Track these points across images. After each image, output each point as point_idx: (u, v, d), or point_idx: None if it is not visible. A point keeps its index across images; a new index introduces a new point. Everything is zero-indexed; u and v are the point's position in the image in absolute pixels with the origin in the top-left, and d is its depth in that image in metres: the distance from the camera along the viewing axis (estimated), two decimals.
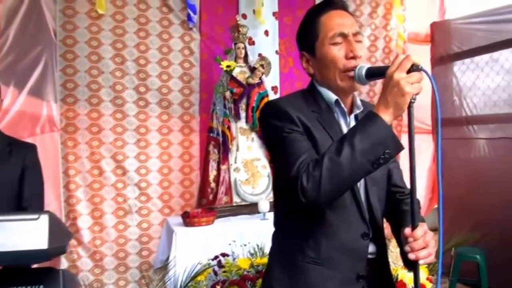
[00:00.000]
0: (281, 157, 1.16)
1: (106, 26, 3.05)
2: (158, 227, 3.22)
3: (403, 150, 1.06)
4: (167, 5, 3.21)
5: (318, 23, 1.21)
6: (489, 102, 3.18)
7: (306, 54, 1.26)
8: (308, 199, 1.02)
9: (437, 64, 3.65)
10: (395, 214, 1.32)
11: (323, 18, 1.20)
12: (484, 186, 3.19)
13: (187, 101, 3.30)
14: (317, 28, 1.21)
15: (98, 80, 3.06)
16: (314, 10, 1.24)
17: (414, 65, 0.99)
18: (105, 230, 3.12)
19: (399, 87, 0.97)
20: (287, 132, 1.12)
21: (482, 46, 3.24)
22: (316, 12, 1.23)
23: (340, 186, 1.04)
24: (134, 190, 3.18)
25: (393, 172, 1.36)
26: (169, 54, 3.24)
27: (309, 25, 1.23)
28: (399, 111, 1.00)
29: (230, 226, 2.73)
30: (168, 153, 3.25)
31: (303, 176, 1.03)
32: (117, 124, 3.12)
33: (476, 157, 3.29)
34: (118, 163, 3.13)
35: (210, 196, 2.91)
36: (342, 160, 1.00)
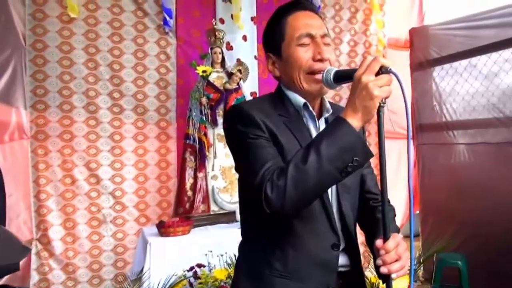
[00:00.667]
0: (245, 164, 1.10)
1: (78, 30, 2.96)
2: (134, 237, 3.12)
3: (372, 157, 1.00)
4: (142, 9, 3.13)
5: (284, 23, 1.16)
6: (468, 108, 3.17)
7: (272, 56, 1.21)
8: (273, 210, 0.96)
9: (416, 70, 3.65)
10: (368, 222, 1.27)
11: (290, 19, 1.16)
12: (464, 191, 3.17)
13: (164, 107, 3.21)
14: (283, 28, 1.16)
15: (70, 86, 2.96)
16: (281, 11, 1.19)
17: (383, 67, 0.94)
18: (78, 241, 3.01)
19: (367, 90, 0.92)
20: (252, 138, 1.06)
21: (461, 51, 3.24)
22: (282, 12, 1.18)
23: (306, 196, 0.98)
24: (109, 199, 3.08)
25: (367, 177, 1.31)
26: (145, 59, 3.16)
27: (275, 25, 1.18)
28: (368, 116, 0.95)
29: (207, 236, 2.65)
30: (144, 160, 3.16)
31: (267, 185, 0.96)
32: (90, 131, 3.02)
33: (456, 162, 3.28)
34: (91, 171, 3.02)
35: (186, 204, 2.82)
36: (308, 168, 0.94)
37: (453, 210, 3.26)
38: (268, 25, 1.22)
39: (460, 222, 3.19)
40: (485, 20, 3.12)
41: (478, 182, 3.09)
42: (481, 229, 3.01)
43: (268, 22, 1.22)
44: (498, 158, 2.99)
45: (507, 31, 2.94)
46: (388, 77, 0.94)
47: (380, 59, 0.94)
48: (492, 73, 3.04)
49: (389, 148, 3.76)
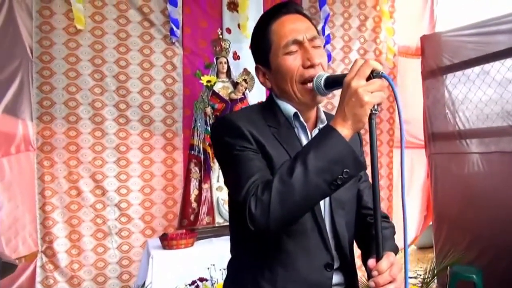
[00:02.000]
0: (231, 178, 1.03)
1: (84, 41, 2.97)
2: (139, 249, 3.08)
3: (365, 169, 0.94)
4: (148, 20, 3.13)
5: (269, 32, 1.07)
6: (481, 116, 3.06)
7: (261, 67, 1.13)
8: (257, 227, 0.89)
9: (428, 78, 3.55)
10: (365, 240, 1.18)
11: (274, 26, 1.07)
12: (478, 201, 3.05)
13: (170, 117, 3.19)
14: (268, 37, 1.07)
15: (76, 97, 2.96)
16: (265, 18, 1.11)
17: (374, 71, 0.87)
18: (83, 253, 2.98)
19: (357, 96, 0.85)
20: (239, 149, 1.00)
21: (473, 58, 3.14)
22: (266, 19, 1.10)
23: (292, 212, 0.90)
24: (114, 211, 3.05)
25: (364, 192, 1.22)
26: (151, 69, 3.15)
27: (261, 34, 1.10)
28: (359, 124, 0.88)
29: (211, 249, 2.58)
30: (150, 171, 3.13)
31: (251, 200, 0.90)
32: (96, 143, 3.01)
33: (469, 172, 3.16)
34: (97, 183, 3.00)
35: (191, 216, 2.77)
36: (294, 181, 0.87)
37: (467, 221, 3.13)
38: (254, 34, 1.14)
39: (475, 233, 3.06)
40: (498, 25, 3.02)
41: (493, 192, 2.96)
42: (496, 241, 2.89)
43: (253, 30, 1.14)
44: None
45: None
46: (380, 82, 0.87)
47: (371, 62, 0.87)
48: (506, 79, 2.93)
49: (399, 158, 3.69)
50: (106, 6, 3.04)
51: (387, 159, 3.70)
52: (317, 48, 1.07)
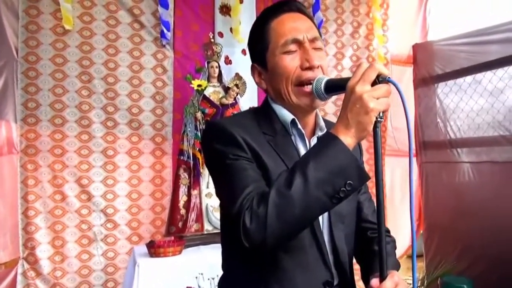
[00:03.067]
0: (223, 189, 0.97)
1: (72, 42, 2.89)
2: (125, 256, 3.00)
3: (368, 180, 0.87)
4: (138, 21, 3.06)
5: (268, 29, 1.03)
6: (473, 125, 3.06)
7: (257, 66, 1.08)
8: (252, 243, 0.83)
9: (420, 86, 3.56)
10: (365, 256, 1.13)
11: (274, 23, 1.03)
12: (469, 211, 3.05)
13: (160, 121, 3.12)
14: (267, 35, 1.03)
15: (62, 99, 2.88)
16: (264, 14, 1.06)
17: (380, 76, 0.81)
18: (67, 260, 2.88)
19: (362, 102, 0.79)
20: (231, 158, 0.93)
21: (465, 67, 3.15)
22: (266, 16, 1.05)
23: (291, 227, 0.84)
24: (100, 217, 2.96)
25: (364, 204, 1.17)
26: (140, 72, 3.08)
27: (259, 31, 1.05)
28: (363, 132, 0.82)
29: (199, 257, 2.51)
30: (137, 177, 3.06)
31: (245, 214, 0.83)
32: (83, 146, 2.92)
33: (460, 181, 3.16)
34: (82, 187, 2.91)
35: (179, 223, 2.70)
36: (292, 194, 0.81)
37: (458, 231, 3.12)
38: (252, 31, 1.09)
39: (466, 243, 3.05)
40: (490, 35, 3.03)
41: (484, 202, 2.96)
42: (487, 251, 2.88)
43: (252, 27, 1.09)
44: (504, 178, 2.87)
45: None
46: (387, 87, 0.81)
47: (377, 66, 0.81)
48: (497, 89, 2.94)
49: (394, 166, 3.70)
50: (95, 6, 2.97)
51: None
52: (317, 50, 1.02)
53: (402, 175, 3.64)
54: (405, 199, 3.62)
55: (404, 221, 3.41)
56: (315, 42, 1.01)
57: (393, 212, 3.50)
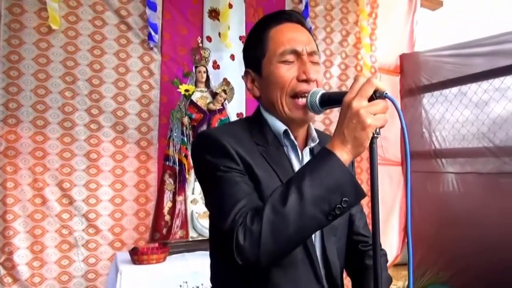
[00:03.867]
0: (214, 202, 0.94)
1: (56, 42, 2.82)
2: (107, 262, 2.93)
3: (365, 197, 0.86)
4: (125, 23, 3.01)
5: (266, 36, 1.01)
6: (458, 136, 3.11)
7: (252, 73, 1.06)
8: (245, 261, 0.80)
9: (406, 96, 3.60)
10: (356, 270, 1.12)
11: (273, 32, 1.01)
12: (453, 221, 3.09)
13: (145, 125, 3.07)
14: (265, 42, 1.01)
15: (45, 101, 2.80)
16: (264, 21, 1.05)
17: (377, 91, 0.80)
18: (46, 266, 2.80)
19: (359, 118, 0.78)
20: (223, 170, 0.91)
21: (451, 79, 3.20)
22: (265, 24, 1.04)
23: (285, 244, 0.82)
24: (81, 222, 2.89)
25: (356, 217, 1.16)
26: (126, 74, 3.02)
27: (257, 38, 1.03)
28: (359, 148, 0.81)
29: (184, 265, 2.47)
30: (121, 181, 2.99)
31: (238, 230, 0.81)
32: (65, 149, 2.85)
33: (445, 192, 3.20)
34: (64, 191, 2.84)
35: (164, 230, 2.65)
36: (287, 211, 0.79)
37: (442, 241, 3.16)
38: (249, 37, 1.07)
39: (450, 253, 3.09)
40: (476, 48, 3.09)
41: (468, 213, 3.00)
42: (471, 261, 2.92)
43: (249, 33, 1.08)
44: (488, 189, 2.91)
45: (497, 60, 2.91)
46: (384, 103, 0.80)
47: (374, 82, 0.80)
48: (482, 101, 2.99)
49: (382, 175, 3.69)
50: (81, 6, 2.90)
51: (366, 176, 3.68)
52: (314, 64, 1.01)
53: (390, 183, 3.66)
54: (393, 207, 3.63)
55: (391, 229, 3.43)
56: (313, 56, 1.01)
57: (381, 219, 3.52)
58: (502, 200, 2.79)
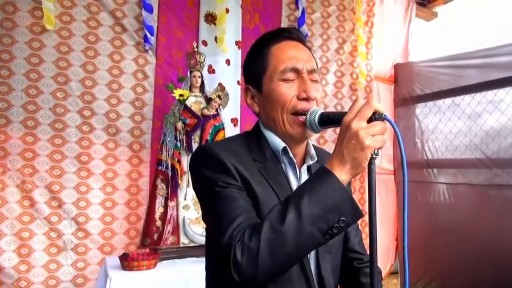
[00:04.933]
0: (211, 218, 0.93)
1: (49, 42, 2.77)
2: (96, 267, 2.88)
3: (363, 217, 0.87)
4: (120, 24, 2.97)
5: (267, 53, 1.02)
6: (450, 147, 3.13)
7: (252, 89, 1.06)
8: (243, 277, 0.81)
9: (399, 105, 3.62)
10: (351, 286, 1.13)
11: (274, 49, 1.02)
12: (444, 232, 3.10)
13: (138, 128, 3.03)
14: (266, 59, 1.02)
15: (36, 101, 2.75)
16: (265, 38, 1.05)
17: (376, 113, 0.81)
18: (33, 270, 2.74)
19: (358, 139, 0.80)
20: (221, 186, 0.91)
21: (444, 90, 3.22)
22: (266, 40, 1.04)
23: (283, 262, 0.83)
24: (71, 225, 2.83)
25: (351, 234, 1.17)
26: (120, 76, 2.98)
27: (257, 54, 1.04)
28: (358, 169, 0.82)
29: (175, 271, 2.44)
30: (112, 184, 2.95)
31: (236, 247, 0.81)
32: (55, 151, 2.80)
33: (436, 202, 3.22)
34: (53, 193, 2.78)
35: (155, 235, 2.62)
36: (285, 229, 0.80)
37: (433, 250, 3.17)
38: (250, 53, 1.08)
39: (440, 265, 3.10)
40: (469, 59, 3.12)
41: (458, 223, 3.02)
42: (461, 271, 2.94)
43: (250, 49, 1.08)
44: (479, 200, 2.94)
45: (490, 72, 2.94)
46: (383, 125, 0.81)
47: (373, 104, 0.81)
48: (475, 113, 3.01)
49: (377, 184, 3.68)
50: (76, 6, 2.86)
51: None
52: (314, 82, 1.01)
53: (379, 192, 3.67)
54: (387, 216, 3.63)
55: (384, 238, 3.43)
56: (312, 74, 1.01)
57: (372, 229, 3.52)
58: (493, 212, 2.81)
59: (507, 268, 2.62)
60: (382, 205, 3.44)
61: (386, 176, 3.63)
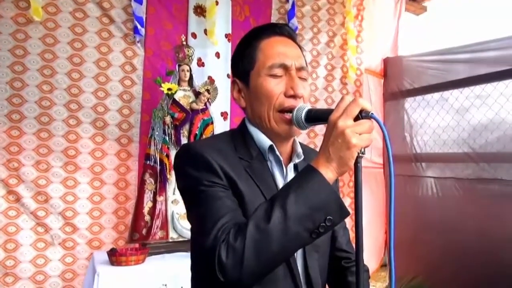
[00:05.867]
0: (196, 218, 0.92)
1: (35, 34, 2.71)
2: (85, 261, 2.86)
3: (349, 215, 0.86)
4: (108, 16, 2.92)
5: (256, 48, 1.00)
6: (439, 141, 3.15)
7: (239, 83, 1.05)
8: (228, 278, 0.79)
9: (389, 99, 3.63)
10: (339, 285, 1.13)
11: (263, 44, 1.00)
12: (432, 225, 3.14)
13: (126, 122, 2.99)
14: (254, 54, 1.00)
15: (21, 94, 2.69)
16: (254, 33, 1.04)
17: (363, 111, 0.80)
18: (19, 265, 2.71)
19: (344, 138, 0.78)
20: (206, 185, 0.90)
21: (433, 84, 3.24)
22: (256, 35, 1.03)
23: (268, 262, 0.82)
24: (58, 219, 2.80)
25: (338, 233, 1.17)
26: (108, 69, 2.94)
27: (246, 48, 1.02)
28: (344, 167, 0.81)
29: (163, 266, 2.43)
30: (100, 179, 2.92)
31: (221, 247, 0.80)
32: (41, 145, 2.75)
33: (424, 195, 3.25)
34: (39, 188, 2.75)
35: (143, 230, 2.60)
36: (271, 229, 0.78)
37: (420, 244, 3.21)
38: (239, 47, 1.06)
39: (428, 257, 3.14)
40: (457, 54, 3.14)
41: (446, 217, 3.06)
42: (448, 265, 2.98)
43: (239, 43, 1.07)
44: (466, 193, 2.97)
45: (478, 67, 2.96)
46: (369, 123, 0.80)
47: (360, 101, 0.80)
48: (463, 108, 3.03)
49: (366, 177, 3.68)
50: None
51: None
52: (302, 80, 1.00)
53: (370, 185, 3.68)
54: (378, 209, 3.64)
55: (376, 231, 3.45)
56: (301, 71, 1.00)
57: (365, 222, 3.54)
58: (479, 205, 2.85)
59: (492, 261, 2.66)
60: (373, 198, 3.45)
61: (376, 170, 3.65)
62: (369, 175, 3.38)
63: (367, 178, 3.37)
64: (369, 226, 3.44)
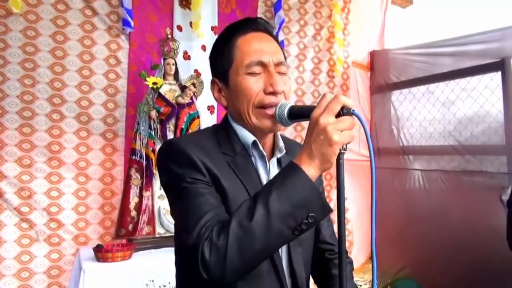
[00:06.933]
0: (179, 213, 0.92)
1: (15, 26, 2.64)
2: (71, 257, 2.82)
3: (331, 213, 0.87)
4: (91, 8, 2.86)
5: (232, 46, 0.99)
6: (425, 134, 3.18)
7: (218, 82, 1.04)
8: (211, 276, 0.80)
9: (375, 92, 3.64)
10: (322, 278, 1.15)
11: (239, 41, 0.99)
12: (419, 217, 3.17)
13: (111, 116, 2.95)
14: (231, 52, 0.99)
15: (2, 88, 2.63)
16: (230, 30, 1.02)
17: (345, 108, 0.80)
18: (3, 262, 2.66)
19: (326, 134, 0.79)
20: (189, 182, 0.90)
21: (419, 77, 3.25)
22: (232, 32, 1.01)
23: (251, 260, 0.82)
24: (42, 215, 2.76)
25: (322, 226, 1.18)
26: (91, 62, 2.88)
27: (223, 47, 1.01)
28: (326, 164, 0.81)
29: (150, 262, 2.41)
30: (85, 174, 2.88)
31: (204, 245, 0.80)
32: (24, 140, 2.70)
33: (411, 188, 3.28)
34: (23, 183, 2.70)
35: (129, 226, 2.58)
36: (254, 227, 0.79)
37: (407, 237, 3.25)
38: (215, 45, 1.05)
39: (415, 248, 3.18)
40: (443, 47, 3.15)
41: (432, 209, 3.09)
42: (435, 256, 3.02)
43: (216, 41, 1.05)
44: (452, 186, 3.01)
45: (463, 60, 2.98)
46: (351, 120, 0.81)
47: (341, 98, 0.80)
48: (449, 101, 3.06)
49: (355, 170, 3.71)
50: None
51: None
52: (282, 74, 1.00)
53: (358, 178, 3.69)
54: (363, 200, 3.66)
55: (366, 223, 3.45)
56: (279, 66, 0.99)
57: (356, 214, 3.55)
58: (464, 197, 2.89)
59: (478, 253, 2.71)
60: (362, 190, 3.46)
61: (364, 162, 3.66)
62: (357, 168, 3.38)
63: (355, 171, 3.39)
64: (358, 218, 3.46)
